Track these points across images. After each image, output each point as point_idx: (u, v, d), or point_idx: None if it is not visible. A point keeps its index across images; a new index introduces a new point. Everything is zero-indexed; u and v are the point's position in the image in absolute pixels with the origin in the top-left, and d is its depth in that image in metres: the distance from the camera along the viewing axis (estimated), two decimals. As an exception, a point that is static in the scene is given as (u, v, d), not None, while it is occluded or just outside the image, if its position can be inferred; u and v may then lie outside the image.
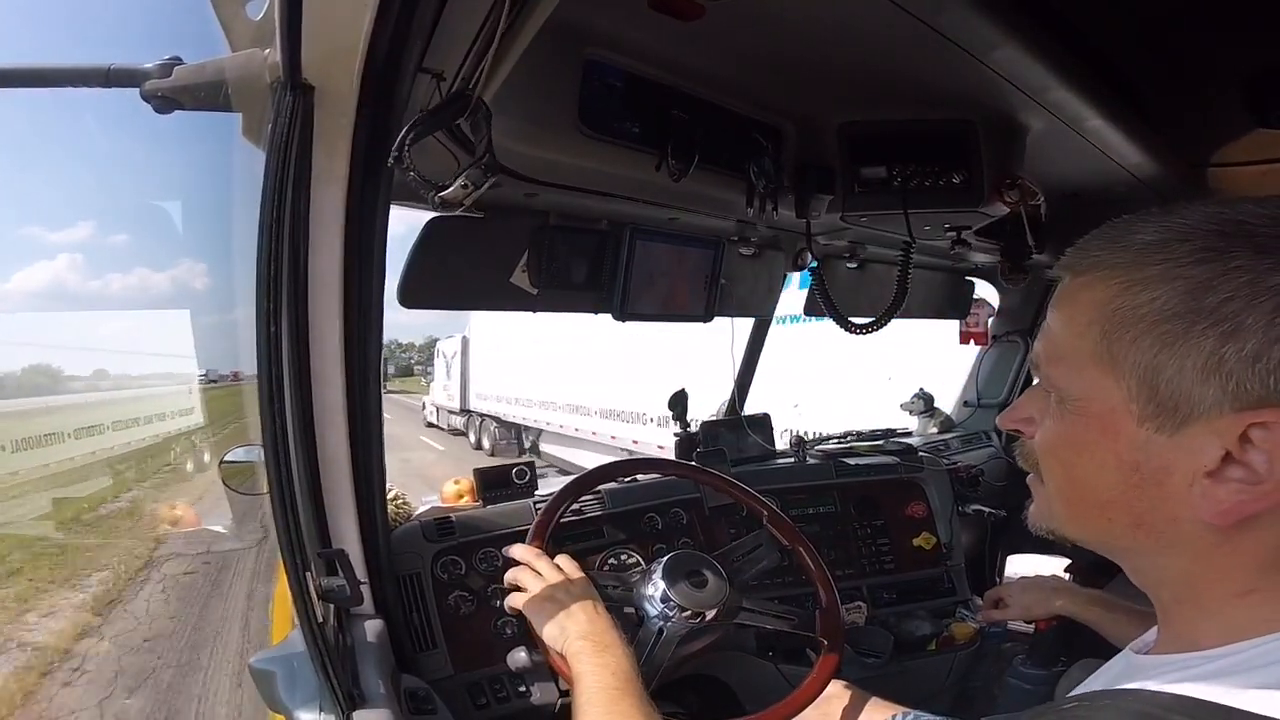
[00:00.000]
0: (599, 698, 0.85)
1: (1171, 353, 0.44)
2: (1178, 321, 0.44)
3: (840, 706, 1.04)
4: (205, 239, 16.14)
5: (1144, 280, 0.46)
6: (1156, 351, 0.45)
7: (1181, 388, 0.44)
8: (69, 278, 53.37)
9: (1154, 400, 0.45)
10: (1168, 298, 0.45)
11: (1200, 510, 0.45)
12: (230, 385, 17.72)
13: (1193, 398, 0.44)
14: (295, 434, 0.78)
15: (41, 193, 67.20)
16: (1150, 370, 0.45)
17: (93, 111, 71.80)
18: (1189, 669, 0.46)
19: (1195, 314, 0.44)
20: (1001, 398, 2.38)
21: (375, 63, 0.68)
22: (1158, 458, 0.46)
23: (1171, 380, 0.45)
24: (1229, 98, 1.25)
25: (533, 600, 1.00)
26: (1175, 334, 0.44)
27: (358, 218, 0.80)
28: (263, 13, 0.69)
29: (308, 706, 0.88)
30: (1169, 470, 0.46)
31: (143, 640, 4.27)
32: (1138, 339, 0.46)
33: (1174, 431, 0.45)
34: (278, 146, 0.68)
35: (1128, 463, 0.47)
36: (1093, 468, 0.49)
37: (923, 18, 0.84)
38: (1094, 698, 0.49)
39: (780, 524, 1.29)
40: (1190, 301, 0.44)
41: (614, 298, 1.39)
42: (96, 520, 7.66)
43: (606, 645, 0.92)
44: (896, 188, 1.25)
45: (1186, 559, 0.48)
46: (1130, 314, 0.46)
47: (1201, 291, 0.44)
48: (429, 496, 1.56)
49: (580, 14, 0.88)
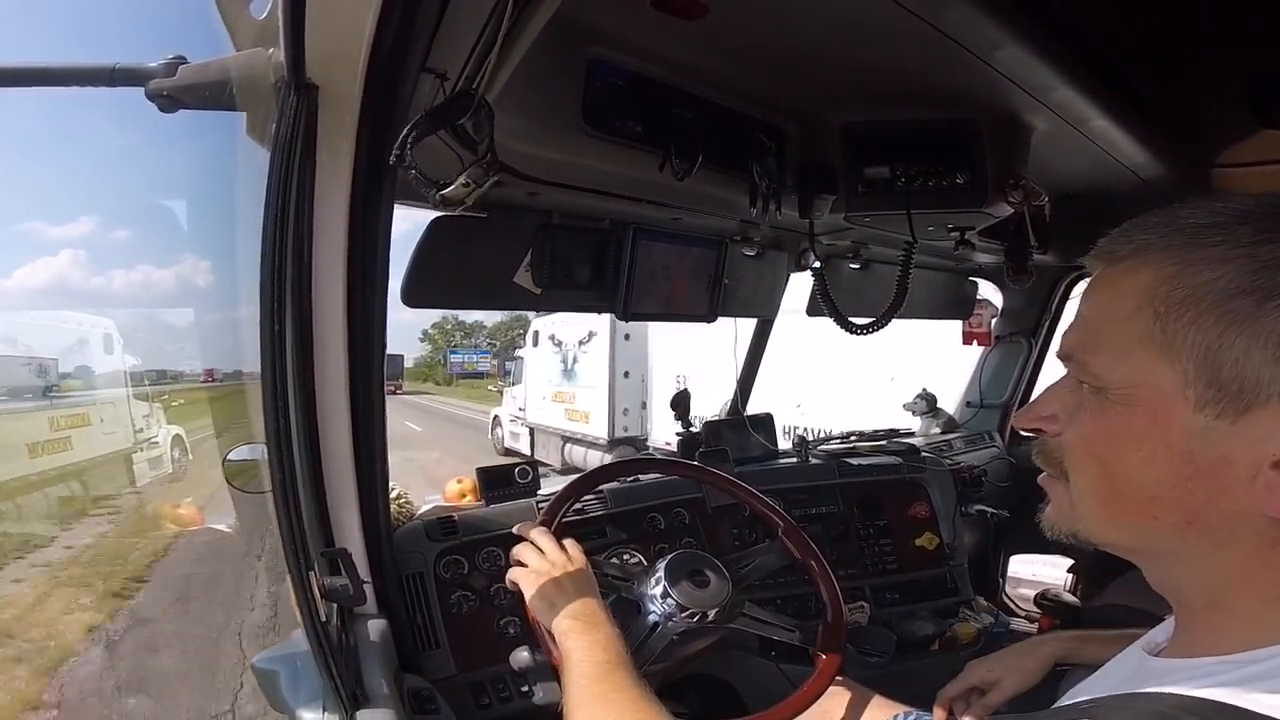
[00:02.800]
0: (590, 671, 0.85)
1: (1238, 331, 0.42)
2: (1245, 299, 0.42)
3: (842, 706, 1.04)
4: (209, 238, 15.47)
5: (1203, 260, 0.44)
6: (1221, 331, 0.42)
7: (1248, 369, 0.42)
8: (72, 274, 54.03)
9: (1215, 384, 0.43)
10: (1232, 276, 0.42)
11: (1265, 504, 0.42)
12: (205, 387, 15.07)
13: (1260, 380, 0.41)
14: (298, 433, 0.78)
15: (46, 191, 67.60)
16: (1212, 351, 0.42)
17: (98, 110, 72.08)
18: (1215, 674, 0.44)
19: (1265, 291, 0.41)
20: (1004, 398, 2.38)
21: (379, 62, 0.68)
22: (1216, 447, 0.43)
23: (1238, 361, 0.42)
24: (1231, 98, 1.24)
25: (530, 575, 1.00)
26: (1243, 312, 0.42)
27: (361, 217, 0.80)
28: (266, 12, 0.69)
29: (311, 706, 0.88)
30: (1229, 460, 0.43)
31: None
32: (1198, 319, 0.43)
33: (1237, 418, 0.42)
34: (281, 146, 0.69)
35: (1181, 454, 0.44)
36: (1138, 461, 0.46)
37: (926, 17, 0.84)
38: (1109, 701, 0.48)
39: (795, 536, 1.27)
40: (1257, 279, 0.42)
41: (617, 297, 1.39)
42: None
43: (597, 624, 0.91)
44: (900, 188, 1.25)
45: (1237, 559, 0.45)
46: (1189, 294, 0.44)
47: (1270, 269, 0.42)
48: (432, 495, 1.56)
49: (583, 13, 0.88)
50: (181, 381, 16.06)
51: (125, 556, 5.73)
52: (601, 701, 0.82)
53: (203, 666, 3.75)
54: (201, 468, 9.39)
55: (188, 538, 5.82)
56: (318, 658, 0.82)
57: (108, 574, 5.26)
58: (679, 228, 1.45)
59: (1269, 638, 0.43)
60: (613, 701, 0.81)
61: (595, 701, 0.82)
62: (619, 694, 0.82)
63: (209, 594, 4.92)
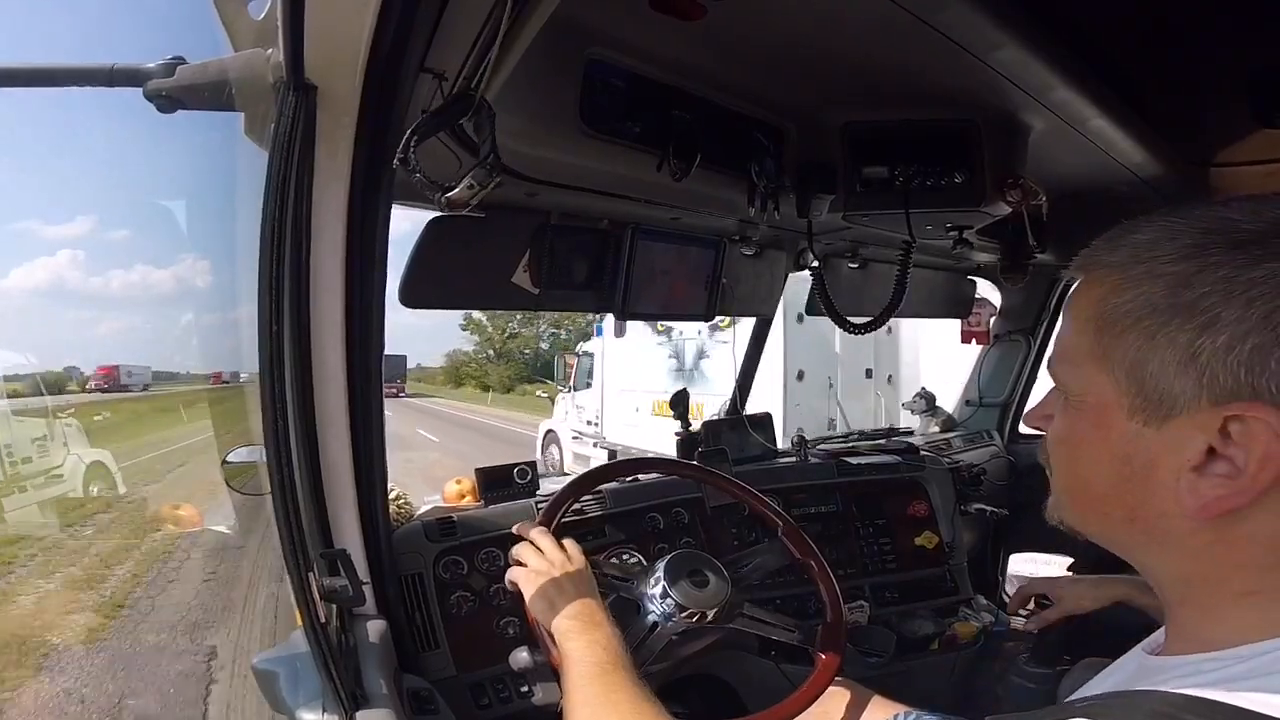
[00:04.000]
0: (589, 671, 0.85)
1: (1153, 346, 0.46)
2: (1158, 316, 0.46)
3: (842, 705, 1.04)
4: (207, 238, 14.66)
5: (1133, 278, 0.47)
6: (1140, 345, 0.46)
7: (1164, 381, 0.46)
8: (70, 274, 53.87)
9: (1141, 393, 0.47)
10: (1150, 294, 0.46)
11: (1184, 505, 0.46)
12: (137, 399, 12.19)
13: (1174, 391, 0.45)
14: (297, 434, 0.78)
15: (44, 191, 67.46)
16: (1136, 364, 0.47)
17: (96, 111, 72.03)
18: (1202, 672, 0.46)
19: (1174, 309, 0.45)
20: (1003, 397, 2.38)
21: (377, 63, 0.68)
22: (1146, 451, 0.47)
23: (1155, 374, 0.46)
24: (1231, 98, 1.24)
25: (530, 575, 1.01)
26: (1156, 328, 0.46)
27: (360, 217, 0.80)
28: (265, 13, 0.69)
29: (310, 706, 0.88)
30: (1156, 464, 0.47)
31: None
32: (1124, 333, 0.47)
33: (1160, 425, 0.46)
34: (280, 146, 0.68)
35: (1119, 456, 0.49)
36: (1089, 461, 0.51)
37: (924, 17, 0.84)
38: (1106, 699, 0.50)
39: (794, 536, 1.27)
40: (1171, 297, 0.45)
41: (615, 297, 1.39)
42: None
43: (597, 624, 0.92)
44: (898, 187, 1.25)
45: (1181, 557, 0.49)
46: (1119, 310, 0.48)
47: (1182, 287, 0.45)
48: (431, 496, 1.56)
49: (581, 13, 0.88)
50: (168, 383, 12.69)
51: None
52: (601, 702, 0.82)
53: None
54: (138, 500, 7.24)
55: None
56: (317, 658, 0.82)
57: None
58: (677, 227, 1.45)
59: (1250, 635, 0.45)
60: (613, 702, 0.82)
61: (595, 702, 0.82)
62: (618, 694, 0.82)
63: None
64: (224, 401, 8.16)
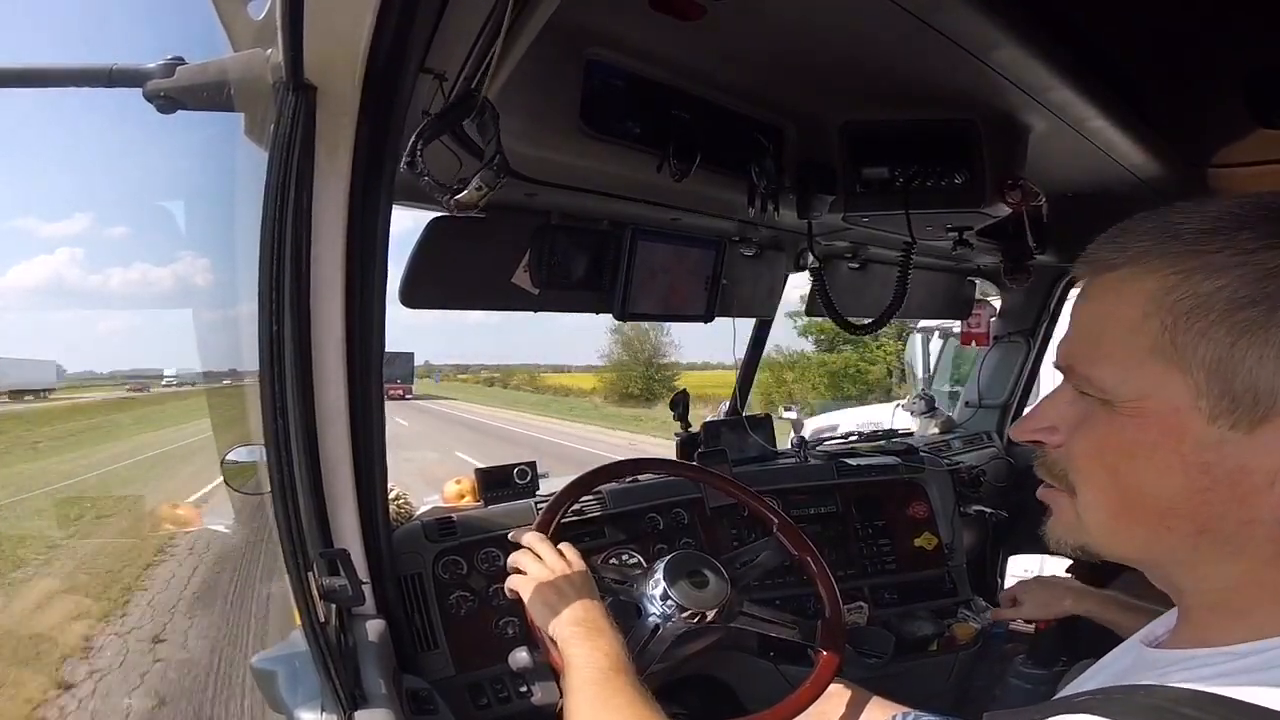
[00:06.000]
0: (592, 677, 0.85)
1: (1250, 342, 0.41)
2: (1254, 309, 0.41)
3: (841, 706, 1.04)
4: (208, 239, 14.61)
5: (1207, 267, 0.43)
6: (1233, 342, 0.42)
7: (1262, 380, 0.41)
8: (70, 272, 53.56)
9: (1228, 395, 0.42)
10: (1239, 285, 0.42)
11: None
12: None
13: (1274, 390, 0.41)
14: (297, 433, 0.78)
15: (45, 191, 67.37)
16: (1224, 362, 0.42)
17: (96, 112, 72.17)
18: (1213, 665, 0.44)
19: (1273, 300, 0.41)
20: (1003, 398, 2.38)
21: (377, 63, 0.68)
22: (1233, 458, 0.43)
23: (1251, 371, 0.42)
24: (1230, 98, 1.25)
25: (530, 583, 1.00)
26: (1253, 322, 0.41)
27: (360, 217, 0.80)
28: (264, 13, 0.69)
29: (309, 706, 0.88)
30: (1247, 470, 0.43)
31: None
32: (1208, 329, 0.43)
33: (1253, 428, 0.42)
34: (280, 146, 0.68)
35: (1196, 465, 0.44)
36: (1151, 473, 0.45)
37: (924, 17, 0.84)
38: (1107, 692, 0.47)
39: (790, 533, 1.27)
40: (1265, 287, 0.41)
41: (615, 297, 1.39)
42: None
43: (600, 630, 0.91)
44: (898, 188, 1.25)
45: (1247, 565, 0.45)
46: (1197, 303, 0.43)
47: (1276, 276, 0.41)
48: (430, 496, 1.55)
49: (581, 14, 0.88)
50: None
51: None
52: (603, 707, 0.82)
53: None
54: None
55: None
56: (316, 658, 0.82)
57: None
58: (677, 228, 1.45)
59: (1270, 632, 0.43)
60: (615, 707, 0.82)
61: (597, 708, 0.82)
62: (620, 698, 0.82)
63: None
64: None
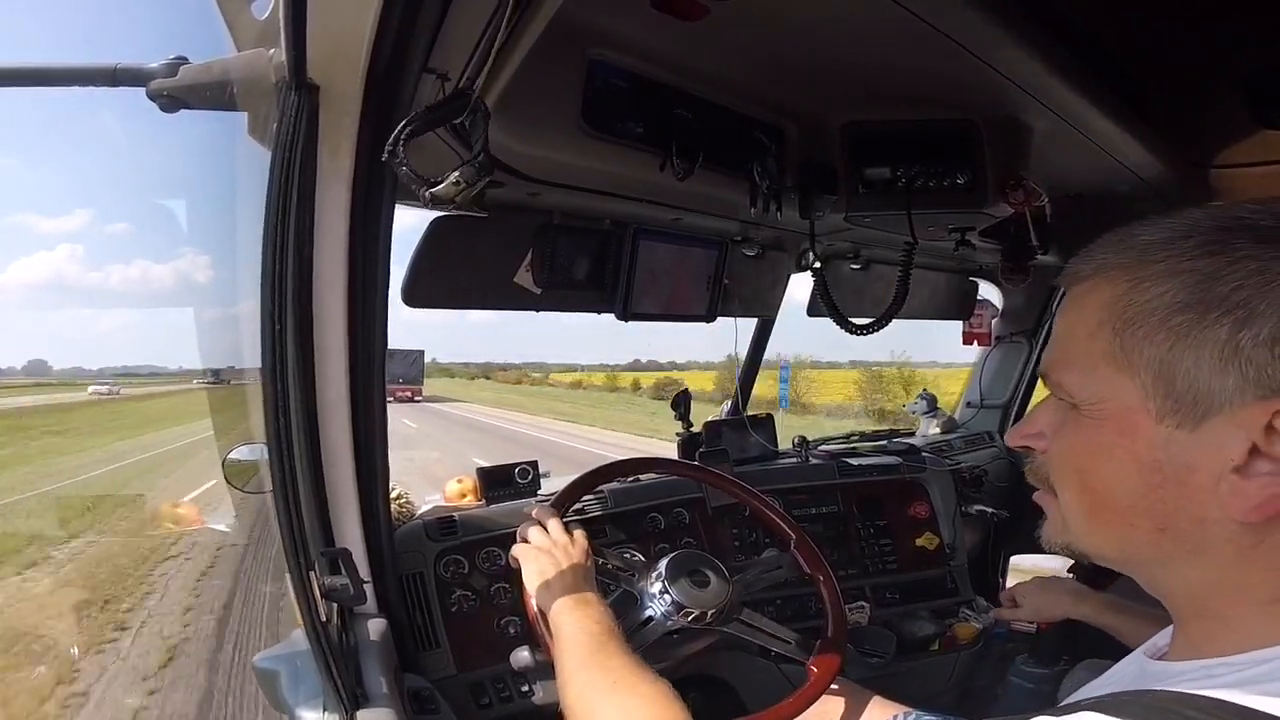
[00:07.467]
0: (583, 641, 0.86)
1: (1186, 344, 0.43)
2: (1189, 312, 0.43)
3: (842, 705, 1.04)
4: (210, 238, 14.83)
5: (1151, 276, 0.45)
6: (1171, 345, 0.44)
7: (1199, 380, 0.43)
8: (70, 269, 53.53)
9: (1171, 395, 0.44)
10: (1176, 290, 0.44)
11: (1231, 508, 0.43)
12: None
13: (1211, 389, 0.43)
14: (299, 433, 0.78)
15: (48, 190, 67.24)
16: (1165, 364, 0.44)
17: (100, 111, 72.25)
18: (1215, 676, 0.44)
19: (1206, 304, 0.43)
20: (1005, 399, 2.37)
21: (379, 63, 0.68)
22: (1180, 456, 0.45)
23: (1189, 373, 0.43)
24: (1231, 99, 1.25)
25: (531, 551, 1.02)
26: (1188, 325, 0.43)
27: (362, 217, 0.80)
28: (268, 13, 0.69)
29: (311, 705, 0.88)
30: (1193, 468, 0.44)
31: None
32: (1150, 334, 0.45)
33: (1195, 427, 0.44)
34: (283, 146, 0.69)
35: (1148, 464, 0.46)
36: (1112, 473, 0.48)
37: (926, 17, 0.84)
38: (1116, 696, 0.47)
39: (806, 550, 1.23)
40: (1200, 292, 0.43)
41: (617, 297, 1.39)
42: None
43: (589, 602, 0.93)
44: (900, 188, 1.25)
45: (1214, 565, 0.46)
46: (1140, 309, 0.45)
47: (1210, 282, 0.43)
48: (432, 495, 1.56)
49: (583, 14, 0.88)
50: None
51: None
52: (595, 668, 0.83)
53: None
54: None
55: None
56: (318, 657, 0.82)
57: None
58: (680, 228, 1.45)
59: (1266, 640, 0.44)
60: (607, 668, 0.83)
61: (588, 668, 0.83)
62: (612, 660, 0.84)
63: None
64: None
